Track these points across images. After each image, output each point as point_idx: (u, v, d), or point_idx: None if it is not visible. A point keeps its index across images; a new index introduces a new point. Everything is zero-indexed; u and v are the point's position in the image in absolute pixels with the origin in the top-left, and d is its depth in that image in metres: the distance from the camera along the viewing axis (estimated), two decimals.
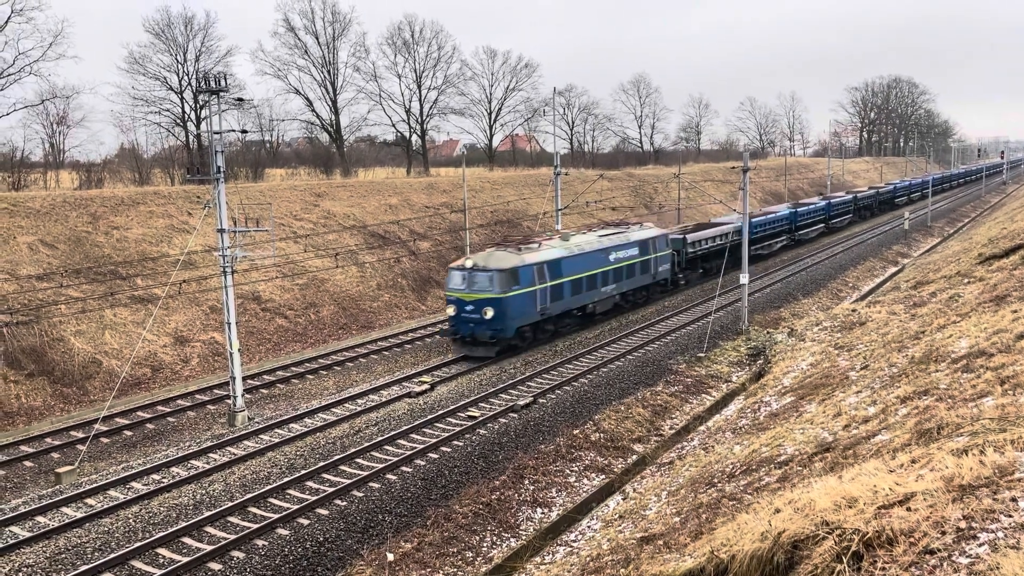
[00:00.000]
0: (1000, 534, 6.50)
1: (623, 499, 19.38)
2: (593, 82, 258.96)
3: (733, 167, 71.60)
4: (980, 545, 6.42)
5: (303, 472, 19.72)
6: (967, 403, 12.19)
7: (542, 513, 18.90)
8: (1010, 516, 6.75)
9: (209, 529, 17.07)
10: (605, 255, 35.00)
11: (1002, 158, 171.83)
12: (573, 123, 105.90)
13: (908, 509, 7.29)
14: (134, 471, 19.96)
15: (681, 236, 43.48)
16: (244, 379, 26.54)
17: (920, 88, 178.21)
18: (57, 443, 22.48)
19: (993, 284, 26.36)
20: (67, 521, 17.31)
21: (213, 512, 17.57)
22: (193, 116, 64.09)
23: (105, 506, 17.98)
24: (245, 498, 18.28)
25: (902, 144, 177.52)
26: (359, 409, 24.69)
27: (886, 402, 15.07)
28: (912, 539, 6.76)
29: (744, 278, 35.16)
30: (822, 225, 66.28)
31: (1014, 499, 7.04)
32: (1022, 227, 41.26)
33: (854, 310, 33.17)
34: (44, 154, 57.67)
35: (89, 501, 18.55)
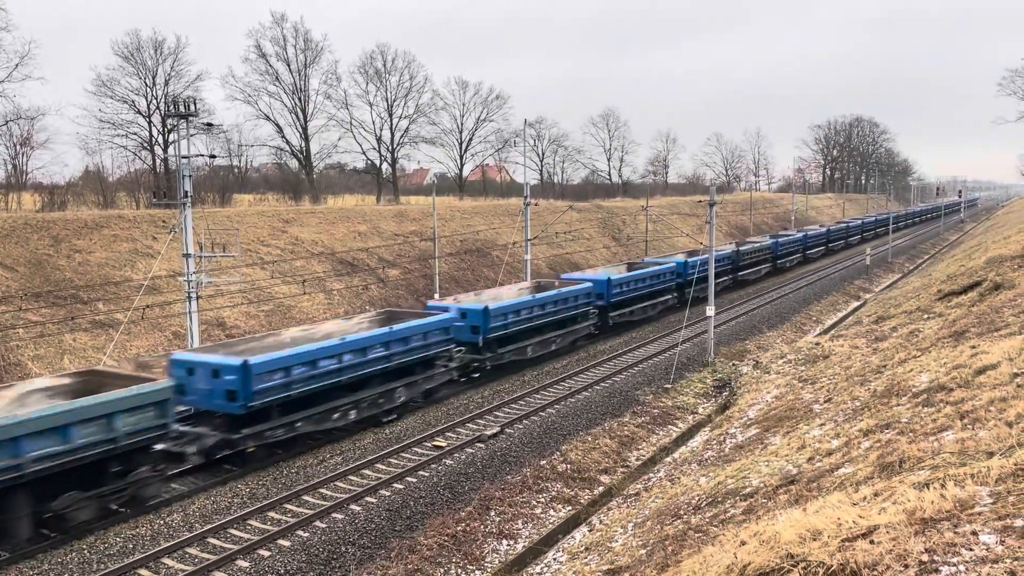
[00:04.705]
0: (961, 567, 6.57)
1: (589, 531, 19.27)
2: (563, 115, 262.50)
3: (700, 201, 72.57)
4: None
5: (265, 502, 19.35)
6: (928, 437, 12.36)
7: (508, 545, 18.72)
8: (971, 549, 6.83)
9: (166, 561, 16.64)
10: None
11: (959, 196, 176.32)
12: (543, 154, 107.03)
13: (871, 542, 7.35)
14: None
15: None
16: None
17: (881, 128, 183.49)
18: None
19: (952, 320, 26.89)
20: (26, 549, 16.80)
21: (171, 544, 17.15)
22: (161, 140, 63.61)
23: (60, 536, 17.45)
24: (204, 529, 17.88)
25: (863, 181, 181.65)
26: (323, 438, 24.36)
27: (849, 435, 15.23)
28: (876, 572, 6.81)
29: (711, 310, 35.52)
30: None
31: (975, 532, 7.13)
32: (979, 264, 42.26)
33: (818, 344, 33.64)
34: (6, 175, 56.74)
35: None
